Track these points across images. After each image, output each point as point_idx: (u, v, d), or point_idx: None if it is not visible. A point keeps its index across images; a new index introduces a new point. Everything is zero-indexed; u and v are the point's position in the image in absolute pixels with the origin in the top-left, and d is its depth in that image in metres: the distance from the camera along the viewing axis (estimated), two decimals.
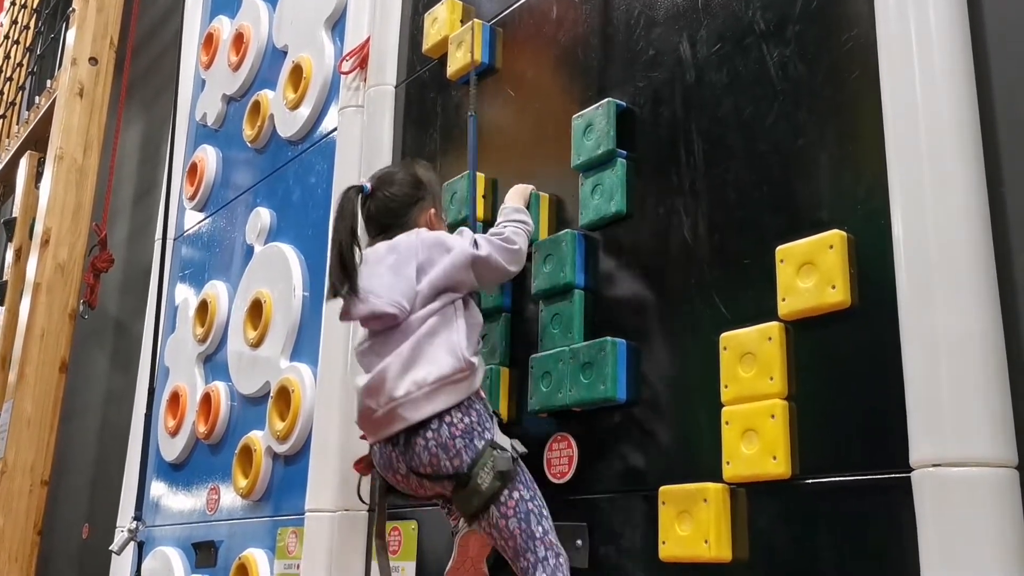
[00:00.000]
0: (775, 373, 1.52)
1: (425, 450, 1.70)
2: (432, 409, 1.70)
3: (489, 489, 1.67)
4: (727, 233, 1.71)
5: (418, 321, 1.78)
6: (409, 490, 1.81)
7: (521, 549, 1.64)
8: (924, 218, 1.38)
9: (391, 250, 1.86)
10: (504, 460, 1.69)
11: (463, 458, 1.69)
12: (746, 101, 1.73)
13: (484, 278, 1.88)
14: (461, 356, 1.74)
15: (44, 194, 4.80)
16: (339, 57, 3.02)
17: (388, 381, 1.74)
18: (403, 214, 1.94)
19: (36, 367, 4.43)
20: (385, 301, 1.79)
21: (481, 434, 1.73)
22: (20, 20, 6.48)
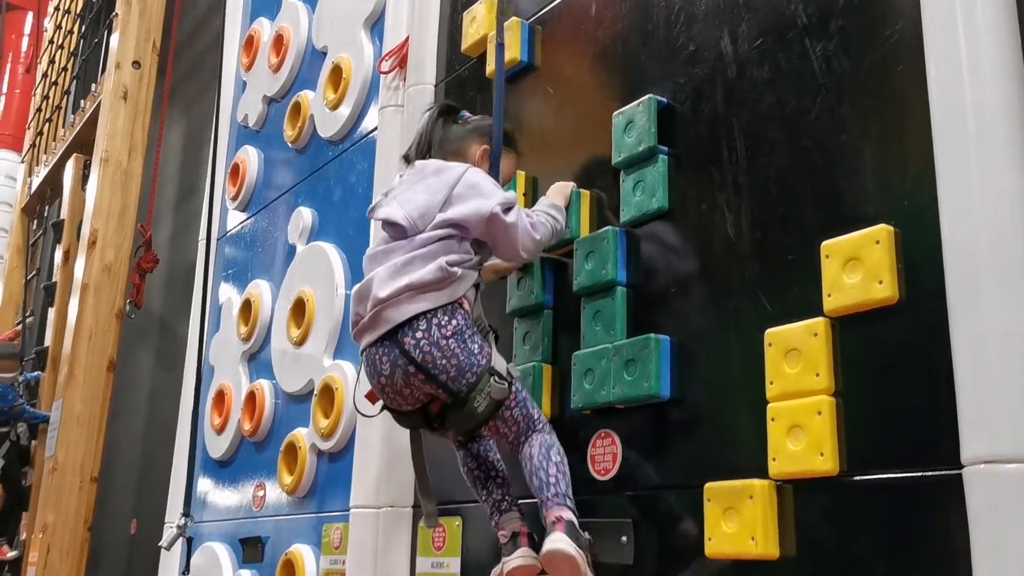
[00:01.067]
0: (821, 369, 1.51)
1: (417, 348, 1.79)
2: (414, 309, 1.80)
3: (484, 413, 1.80)
4: (770, 229, 1.70)
5: (421, 241, 1.87)
6: (392, 397, 1.86)
7: (523, 430, 1.85)
8: (973, 211, 1.36)
9: (437, 172, 1.95)
10: (500, 390, 1.81)
11: (459, 358, 1.79)
12: (789, 96, 1.72)
13: (494, 240, 1.92)
14: (442, 265, 1.83)
15: (91, 196, 4.90)
16: (378, 57, 3.04)
17: (374, 287, 1.85)
18: (464, 141, 2.07)
19: (84, 367, 4.52)
20: (403, 212, 1.89)
21: (472, 336, 1.82)
22: (64, 25, 6.60)
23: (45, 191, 6.51)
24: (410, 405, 1.88)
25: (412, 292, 1.82)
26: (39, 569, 4.37)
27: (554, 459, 1.80)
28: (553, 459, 1.80)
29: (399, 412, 1.93)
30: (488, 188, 1.94)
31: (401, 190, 1.97)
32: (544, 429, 1.86)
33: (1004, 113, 1.37)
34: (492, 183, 1.97)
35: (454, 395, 1.80)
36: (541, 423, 1.87)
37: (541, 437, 1.84)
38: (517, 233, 1.90)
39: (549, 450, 1.81)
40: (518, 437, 1.85)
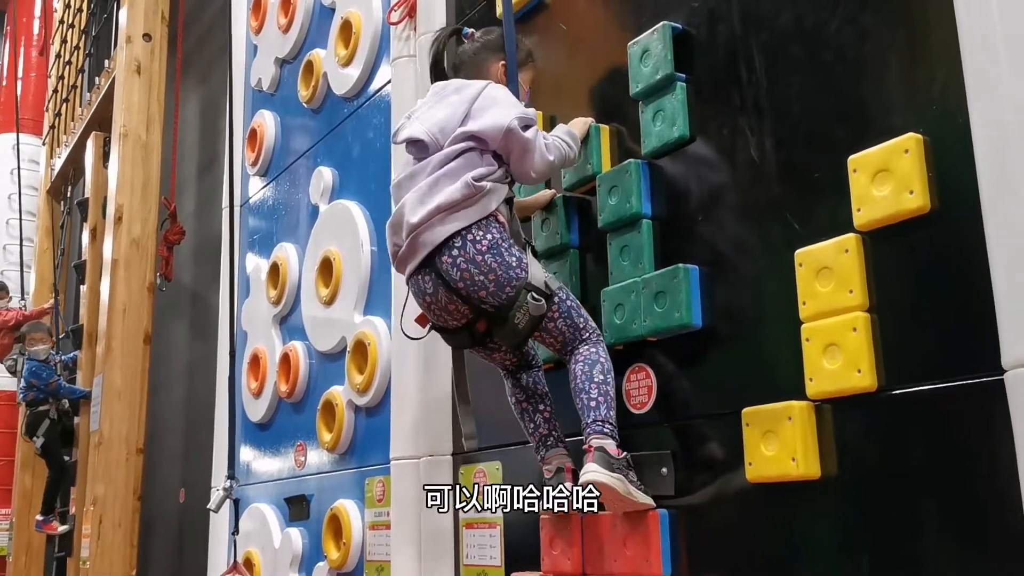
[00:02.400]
0: (854, 286, 1.49)
1: (454, 267, 1.81)
2: (448, 230, 1.81)
3: (526, 328, 1.81)
4: (794, 148, 1.67)
5: (442, 158, 1.87)
6: (438, 314, 1.88)
7: (569, 339, 1.85)
8: (1003, 114, 1.33)
9: (458, 90, 1.96)
10: (537, 307, 1.80)
11: (498, 274, 1.80)
12: (807, 10, 1.68)
13: (509, 153, 1.90)
14: (468, 182, 1.82)
15: (112, 173, 4.92)
16: (387, 8, 3.00)
17: (406, 215, 1.87)
18: (481, 55, 2.07)
19: (121, 340, 4.58)
20: (424, 129, 1.91)
21: (508, 248, 1.82)
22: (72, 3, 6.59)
23: (68, 171, 6.55)
24: (456, 321, 1.89)
25: (443, 213, 1.82)
26: (93, 540, 4.47)
27: (596, 379, 1.78)
28: (595, 379, 1.78)
29: (446, 331, 1.94)
30: (508, 102, 1.92)
31: (423, 110, 1.98)
32: (591, 339, 1.84)
33: None
34: (513, 98, 1.95)
35: (496, 309, 1.81)
36: (588, 331, 1.85)
37: (587, 351, 1.82)
38: (532, 150, 1.88)
39: (592, 368, 1.79)
40: (565, 347, 1.85)
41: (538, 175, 1.93)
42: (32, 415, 5.57)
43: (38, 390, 5.49)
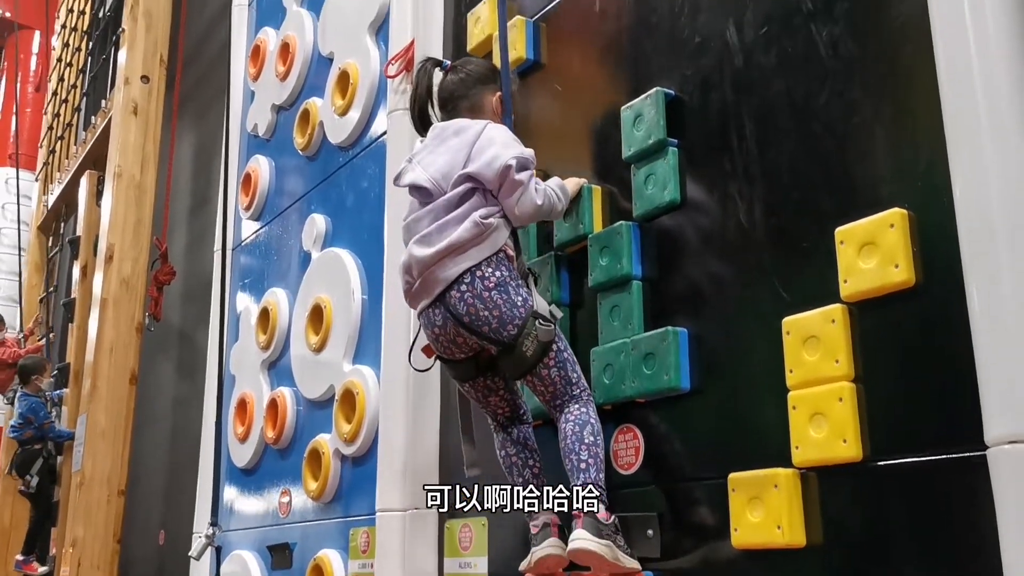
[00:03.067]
0: (840, 356, 1.51)
1: (461, 301, 1.85)
2: (459, 268, 1.86)
3: (534, 356, 1.84)
4: (784, 216, 1.70)
5: (448, 202, 1.92)
6: (446, 346, 1.92)
7: (560, 392, 1.87)
8: (987, 191, 1.36)
9: (458, 132, 1.99)
10: (546, 331, 1.84)
11: (502, 310, 1.82)
12: (797, 82, 1.72)
13: (502, 192, 1.91)
14: (476, 220, 1.87)
15: (105, 211, 4.93)
16: (385, 61, 3.05)
17: (417, 254, 1.92)
18: (474, 90, 2.09)
19: (107, 380, 4.56)
20: (426, 175, 1.96)
21: (516, 288, 1.85)
22: (72, 43, 6.64)
23: (60, 208, 6.56)
24: (462, 354, 1.93)
25: (455, 252, 1.87)
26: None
27: (586, 440, 1.80)
28: (585, 440, 1.79)
29: (452, 362, 1.97)
30: (508, 142, 1.95)
31: (424, 154, 2.01)
32: (582, 397, 1.86)
33: (1014, 92, 1.37)
34: (513, 139, 1.98)
35: (501, 344, 1.84)
36: (580, 388, 1.87)
37: (578, 411, 1.83)
38: (523, 192, 1.90)
39: (583, 429, 1.81)
40: (555, 398, 1.87)
41: (522, 215, 1.94)
42: (24, 452, 5.50)
43: (35, 428, 5.43)
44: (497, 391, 1.98)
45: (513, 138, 1.99)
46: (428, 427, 2.53)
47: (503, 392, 1.99)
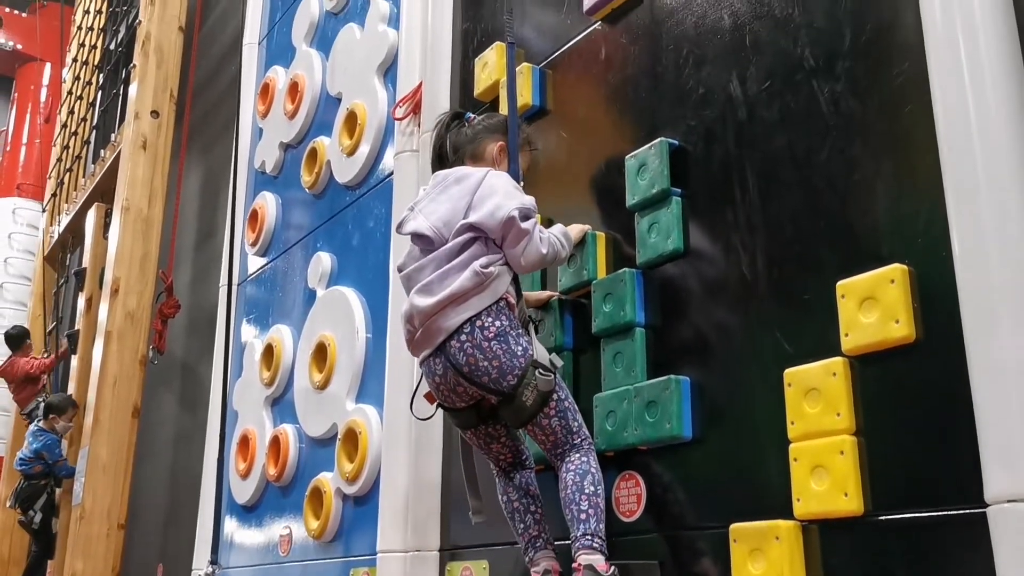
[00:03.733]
0: (842, 409, 1.52)
1: (461, 351, 1.86)
2: (461, 318, 1.86)
3: (533, 406, 1.84)
4: (786, 268, 1.72)
5: (449, 252, 1.93)
6: (447, 395, 1.93)
7: (560, 442, 1.87)
8: (985, 248, 1.38)
9: (459, 180, 2.00)
10: (546, 381, 1.84)
11: (501, 360, 1.83)
12: (799, 137, 1.75)
13: (506, 242, 1.93)
14: (477, 270, 1.88)
15: (112, 244, 4.97)
16: (392, 103, 3.09)
17: (419, 304, 1.92)
18: (479, 139, 2.11)
19: (110, 413, 4.57)
20: (428, 223, 1.96)
21: (516, 338, 1.86)
22: (82, 76, 6.72)
23: (67, 240, 6.60)
24: (463, 402, 1.94)
25: (456, 301, 1.87)
26: None
27: (587, 490, 1.80)
28: (586, 490, 1.80)
29: (453, 410, 1.98)
30: (509, 191, 1.96)
31: (426, 202, 2.02)
32: (583, 446, 1.87)
33: (1012, 150, 1.39)
34: (514, 186, 2.00)
35: (501, 394, 1.85)
36: (581, 436, 1.88)
37: (579, 460, 1.84)
38: (527, 241, 1.92)
39: (583, 479, 1.81)
40: (556, 447, 1.88)
41: (527, 265, 1.96)
42: (29, 487, 5.47)
43: (46, 464, 5.41)
44: (499, 438, 1.99)
45: (514, 186, 2.00)
46: (430, 468, 2.54)
47: (505, 439, 2.00)
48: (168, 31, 5.30)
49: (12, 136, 8.82)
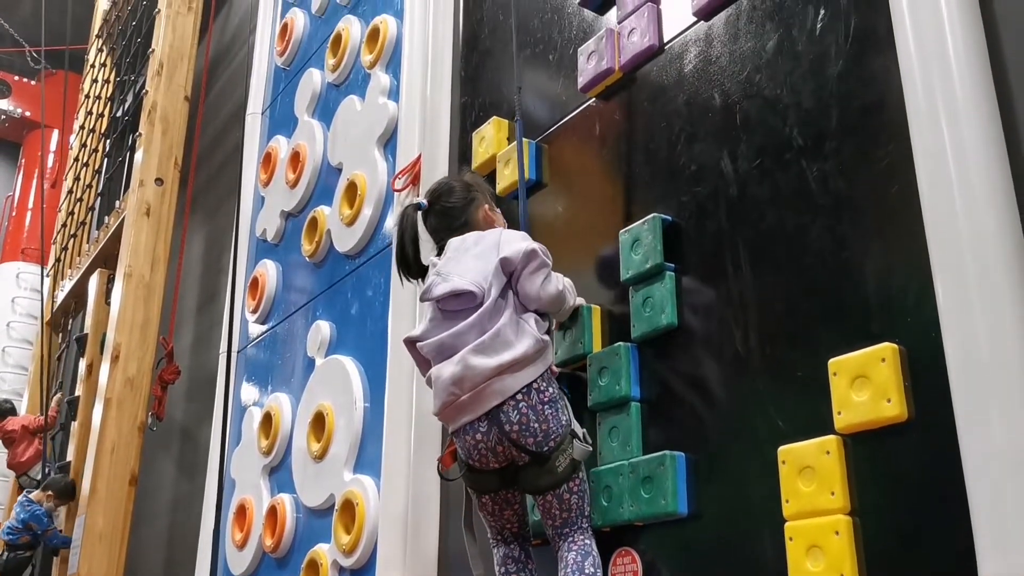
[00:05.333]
0: (836, 488, 1.52)
1: (515, 410, 1.86)
2: (520, 383, 1.88)
3: (562, 474, 1.86)
4: (778, 345, 1.73)
5: (492, 309, 1.93)
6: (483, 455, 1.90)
7: (571, 521, 1.88)
8: (974, 328, 1.39)
9: (477, 241, 2.04)
10: (580, 451, 1.89)
11: (549, 426, 1.86)
12: (789, 214, 1.77)
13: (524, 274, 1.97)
14: (535, 336, 1.92)
15: (114, 310, 4.98)
16: (392, 174, 3.13)
17: (477, 365, 1.89)
18: (463, 215, 2.13)
19: (107, 481, 4.53)
20: (468, 280, 1.96)
21: (565, 408, 1.92)
22: (89, 144, 6.82)
23: (69, 304, 6.62)
24: (496, 463, 1.92)
25: (517, 367, 1.88)
26: None
27: (587, 571, 1.81)
28: (586, 571, 1.81)
29: (480, 473, 1.96)
30: (526, 237, 2.07)
31: (451, 266, 2.01)
32: (587, 530, 1.89)
33: (998, 233, 1.41)
34: (525, 236, 2.07)
35: (536, 456, 1.86)
36: (587, 521, 1.90)
37: (583, 541, 1.86)
38: (546, 275, 1.99)
39: (584, 560, 1.83)
40: (565, 525, 1.88)
41: (545, 299, 1.98)
42: (13, 559, 5.41)
43: (34, 535, 5.35)
44: (513, 505, 1.99)
45: (524, 236, 2.08)
46: (428, 541, 2.52)
47: (518, 507, 2.00)
48: (174, 100, 5.38)
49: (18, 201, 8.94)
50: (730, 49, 2.01)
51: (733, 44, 2.00)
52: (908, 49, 1.58)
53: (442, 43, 3.12)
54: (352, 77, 3.72)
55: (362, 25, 3.71)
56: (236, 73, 5.50)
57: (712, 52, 2.05)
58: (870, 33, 1.71)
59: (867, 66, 1.70)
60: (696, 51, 2.09)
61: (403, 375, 2.75)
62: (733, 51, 2.00)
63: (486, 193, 2.20)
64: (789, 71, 1.85)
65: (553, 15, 2.62)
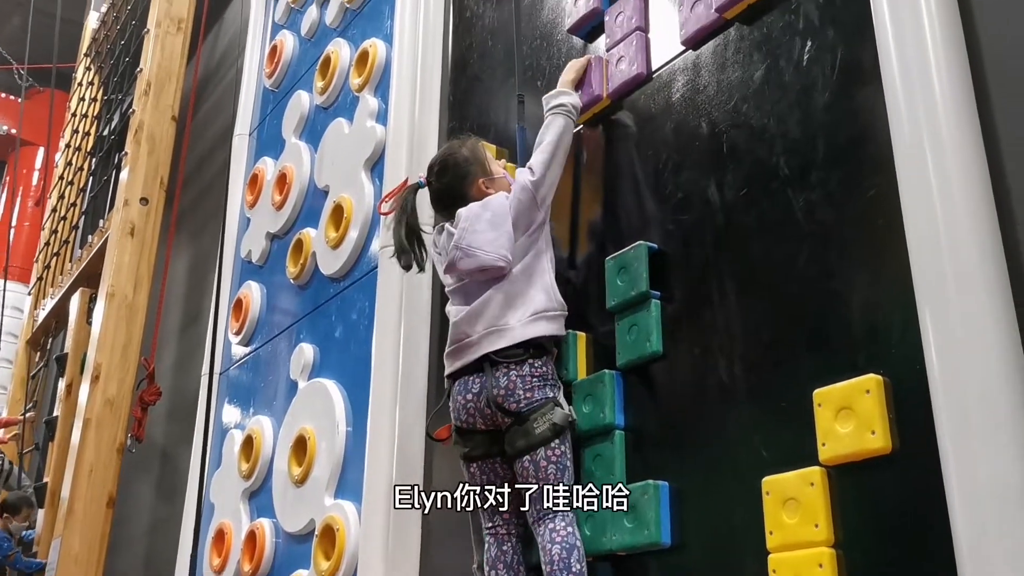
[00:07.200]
0: (820, 520, 1.51)
1: (505, 376, 1.96)
2: (530, 333, 1.98)
3: (539, 436, 1.90)
4: (763, 374, 1.72)
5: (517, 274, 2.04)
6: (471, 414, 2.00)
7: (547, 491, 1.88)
8: (958, 360, 1.39)
9: (485, 207, 2.11)
10: (561, 415, 1.93)
11: (534, 395, 1.94)
12: (775, 244, 1.77)
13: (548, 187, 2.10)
14: (554, 296, 2.04)
15: (95, 330, 4.93)
16: (379, 197, 3.12)
17: (490, 311, 2.02)
18: (458, 191, 2.20)
19: (84, 503, 4.46)
20: (494, 256, 2.04)
21: (553, 385, 1.98)
22: (74, 162, 6.78)
23: (50, 324, 6.55)
24: (484, 425, 2.01)
25: (528, 320, 1.99)
26: None
27: (573, 568, 1.81)
28: (573, 568, 1.81)
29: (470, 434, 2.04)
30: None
31: (468, 239, 2.07)
32: (568, 514, 1.87)
33: (982, 268, 1.42)
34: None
35: (518, 416, 1.93)
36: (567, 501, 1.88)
37: (565, 531, 1.85)
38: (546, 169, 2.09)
39: (570, 555, 1.82)
40: (539, 501, 1.88)
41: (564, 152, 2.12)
42: None
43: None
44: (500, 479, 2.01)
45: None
46: (408, 568, 2.49)
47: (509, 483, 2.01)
48: (161, 120, 5.36)
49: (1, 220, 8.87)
50: (718, 78, 2.01)
51: (721, 73, 2.01)
52: (894, 82, 1.59)
53: (431, 68, 3.13)
54: (340, 100, 3.73)
55: (351, 48, 3.72)
56: (224, 94, 5.49)
57: (700, 81, 2.06)
58: (856, 65, 1.72)
59: (853, 98, 1.71)
60: (684, 80, 2.10)
61: (386, 400, 2.73)
62: (720, 80, 2.01)
63: (480, 162, 2.22)
64: (776, 101, 1.86)
65: (542, 41, 2.63)
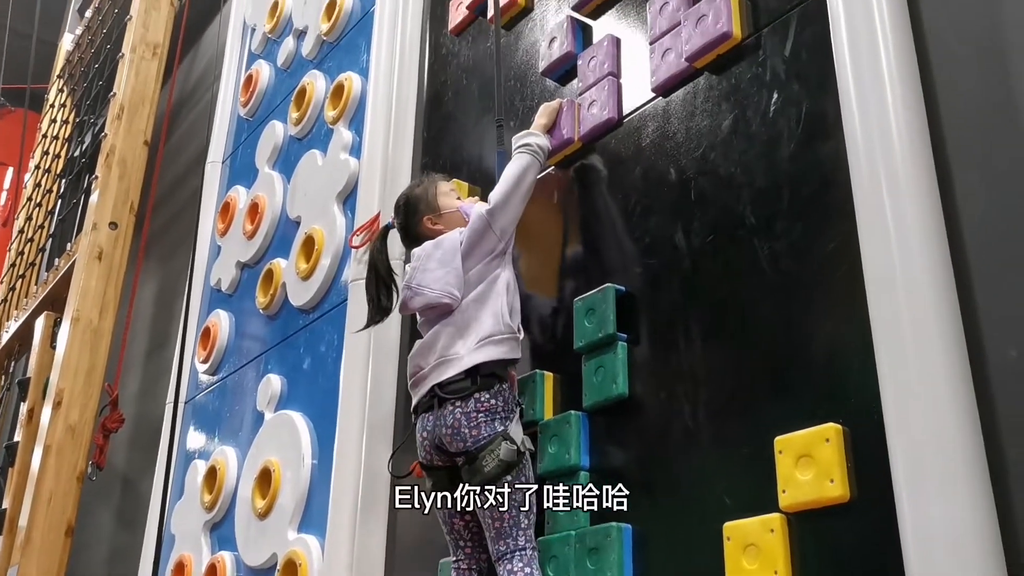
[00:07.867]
0: (779, 566, 1.53)
1: (451, 415, 1.95)
2: (476, 359, 1.97)
3: (490, 472, 1.88)
4: (726, 420, 1.75)
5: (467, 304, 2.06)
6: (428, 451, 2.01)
7: (505, 532, 1.86)
8: (913, 410, 1.42)
9: (436, 246, 2.16)
10: (509, 452, 1.90)
11: (480, 432, 1.92)
12: (740, 290, 1.81)
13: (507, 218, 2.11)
14: (502, 319, 2.02)
15: (59, 355, 4.87)
16: (350, 230, 3.13)
17: (441, 342, 2.04)
18: (413, 232, 2.28)
19: (43, 531, 4.38)
20: (439, 293, 2.07)
21: (503, 419, 1.95)
22: (44, 184, 6.72)
23: (13, 347, 6.46)
24: (441, 462, 2.00)
25: (474, 347, 1.99)
26: None
27: None
28: None
29: (431, 470, 2.03)
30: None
31: (418, 277, 2.13)
32: (527, 550, 1.85)
33: (938, 319, 1.45)
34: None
35: (467, 455, 1.93)
36: (526, 539, 1.87)
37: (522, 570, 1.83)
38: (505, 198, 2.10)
39: None
40: (500, 537, 1.87)
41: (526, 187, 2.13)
42: None
43: None
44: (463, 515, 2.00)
45: None
46: None
47: (468, 519, 2.00)
48: (133, 145, 5.33)
49: None
50: (687, 126, 2.06)
51: (690, 121, 2.05)
52: (855, 134, 1.63)
53: (406, 103, 3.15)
54: (315, 131, 3.74)
55: (327, 81, 3.74)
56: (198, 121, 5.49)
57: (669, 128, 2.10)
58: (820, 118, 1.76)
59: (817, 150, 1.75)
60: (654, 126, 2.14)
61: (353, 432, 2.72)
62: (690, 128, 2.05)
63: (429, 201, 2.27)
64: (743, 150, 1.90)
65: (516, 82, 2.67)
